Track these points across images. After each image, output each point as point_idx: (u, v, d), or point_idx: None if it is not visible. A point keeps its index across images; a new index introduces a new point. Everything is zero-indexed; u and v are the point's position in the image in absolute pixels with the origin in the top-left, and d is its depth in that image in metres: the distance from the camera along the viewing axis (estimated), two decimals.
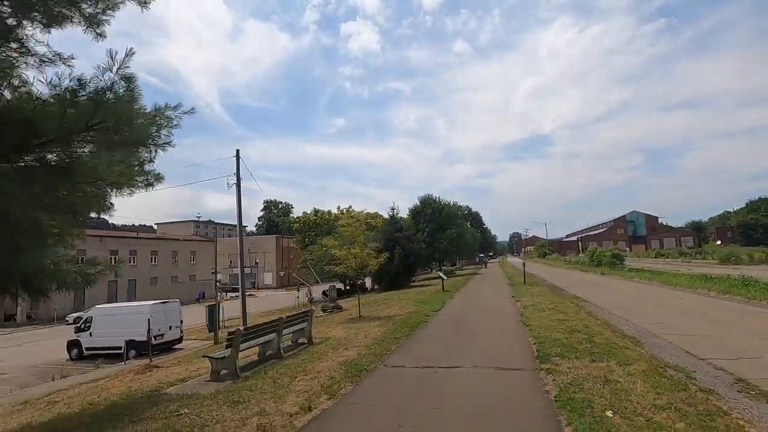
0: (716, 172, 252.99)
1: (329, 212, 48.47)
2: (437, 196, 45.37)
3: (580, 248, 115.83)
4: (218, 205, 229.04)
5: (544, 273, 41.29)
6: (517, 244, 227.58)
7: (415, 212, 45.07)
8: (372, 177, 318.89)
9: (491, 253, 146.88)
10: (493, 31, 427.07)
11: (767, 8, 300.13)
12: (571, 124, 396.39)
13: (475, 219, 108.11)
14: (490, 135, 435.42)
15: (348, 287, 39.00)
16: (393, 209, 32.87)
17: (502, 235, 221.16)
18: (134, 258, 45.45)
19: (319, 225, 46.24)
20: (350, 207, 46.88)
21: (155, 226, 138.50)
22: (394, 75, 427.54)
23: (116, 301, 42.91)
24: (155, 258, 48.11)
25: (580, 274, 39.87)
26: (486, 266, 54.88)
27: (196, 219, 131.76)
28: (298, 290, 35.89)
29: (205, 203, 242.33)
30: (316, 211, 48.69)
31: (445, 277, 23.94)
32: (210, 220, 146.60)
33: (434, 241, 42.58)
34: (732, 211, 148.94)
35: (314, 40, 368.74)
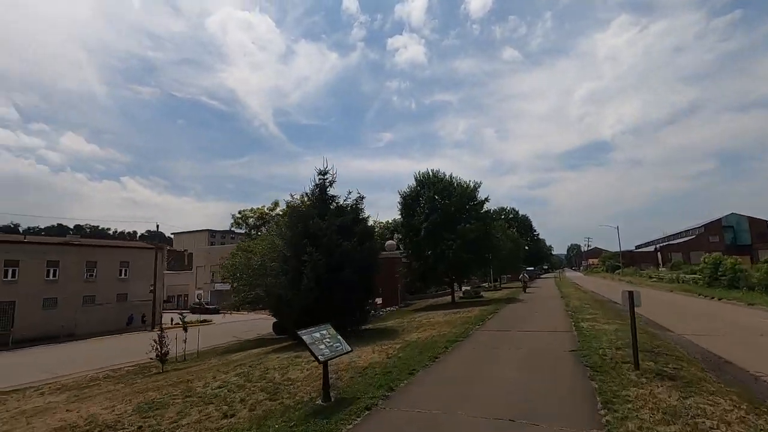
0: None
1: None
2: (445, 173, 28.03)
3: (660, 260, 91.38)
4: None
5: (662, 311, 22.39)
6: (576, 256, 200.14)
7: (407, 199, 27.94)
8: None
9: (546, 266, 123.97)
10: (545, 36, 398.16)
11: None
12: (632, 128, 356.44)
13: (522, 224, 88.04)
14: (544, 143, 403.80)
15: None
16: (323, 174, 16.19)
17: (558, 249, 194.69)
18: (14, 271, 32.14)
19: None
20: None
21: (172, 237, 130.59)
22: (441, 86, 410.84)
23: None
24: (54, 271, 34.60)
25: (736, 312, 20.73)
26: (525, 290, 34.11)
27: (209, 229, 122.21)
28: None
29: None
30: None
31: (326, 353, 6.78)
32: (230, 230, 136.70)
33: (439, 243, 25.24)
34: None
35: (361, 57, 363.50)
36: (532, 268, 71.23)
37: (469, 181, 27.95)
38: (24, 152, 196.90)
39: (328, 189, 16.10)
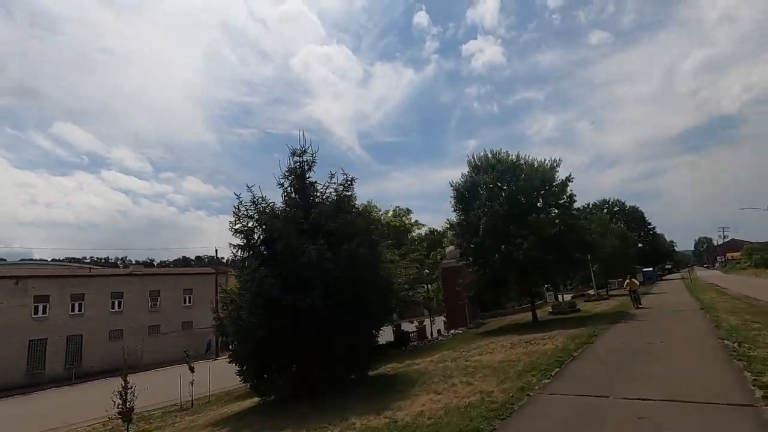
0: None
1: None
2: (508, 152, 21.49)
3: None
4: None
5: None
6: (707, 252, 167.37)
7: (461, 191, 21.88)
8: None
9: (669, 265, 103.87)
10: (638, 9, 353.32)
11: None
12: (764, 96, 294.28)
13: (632, 217, 74.28)
14: (650, 128, 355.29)
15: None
16: (299, 155, 11.36)
17: (682, 245, 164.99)
18: (80, 305, 32.66)
19: None
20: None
21: None
22: (523, 84, 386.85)
23: (43, 370, 30.14)
24: (119, 303, 34.80)
25: None
26: (640, 302, 21.97)
27: None
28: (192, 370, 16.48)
29: None
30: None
31: None
32: None
33: (503, 242, 18.78)
34: None
35: (437, 68, 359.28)
36: (650, 269, 58.00)
37: (544, 159, 21.04)
38: (158, 198, 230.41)
39: (307, 175, 11.26)
